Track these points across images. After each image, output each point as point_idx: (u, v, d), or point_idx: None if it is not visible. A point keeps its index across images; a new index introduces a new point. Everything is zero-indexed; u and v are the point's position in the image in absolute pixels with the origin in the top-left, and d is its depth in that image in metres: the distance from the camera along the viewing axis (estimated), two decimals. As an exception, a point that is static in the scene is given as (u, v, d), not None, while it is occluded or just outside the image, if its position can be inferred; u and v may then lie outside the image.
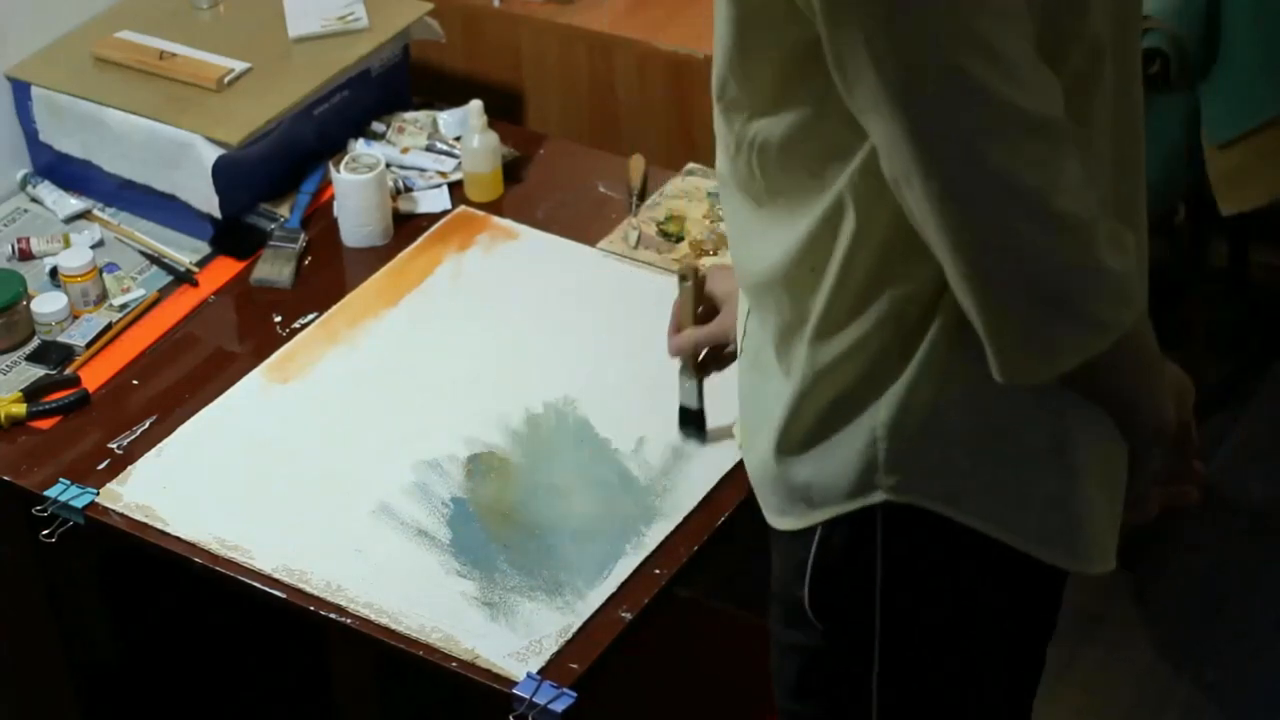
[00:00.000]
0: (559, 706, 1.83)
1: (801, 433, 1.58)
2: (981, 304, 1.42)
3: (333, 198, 2.51)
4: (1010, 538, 1.56)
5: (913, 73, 1.35)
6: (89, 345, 2.32)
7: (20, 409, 2.21)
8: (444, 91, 2.78)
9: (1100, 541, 1.60)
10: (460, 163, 2.57)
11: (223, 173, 2.41)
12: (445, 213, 2.53)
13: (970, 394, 1.51)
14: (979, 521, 1.55)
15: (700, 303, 1.96)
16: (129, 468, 2.13)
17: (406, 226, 2.50)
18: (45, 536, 2.09)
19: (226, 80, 2.50)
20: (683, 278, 1.96)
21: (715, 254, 2.39)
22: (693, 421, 2.10)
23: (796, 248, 1.52)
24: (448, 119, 2.64)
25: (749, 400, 1.68)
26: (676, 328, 1.99)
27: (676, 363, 2.01)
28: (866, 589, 1.60)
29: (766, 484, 1.65)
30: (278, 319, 2.36)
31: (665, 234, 2.44)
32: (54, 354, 2.31)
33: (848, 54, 1.37)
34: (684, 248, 2.41)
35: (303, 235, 2.47)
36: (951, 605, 1.62)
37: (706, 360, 2.02)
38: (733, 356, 1.95)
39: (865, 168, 1.45)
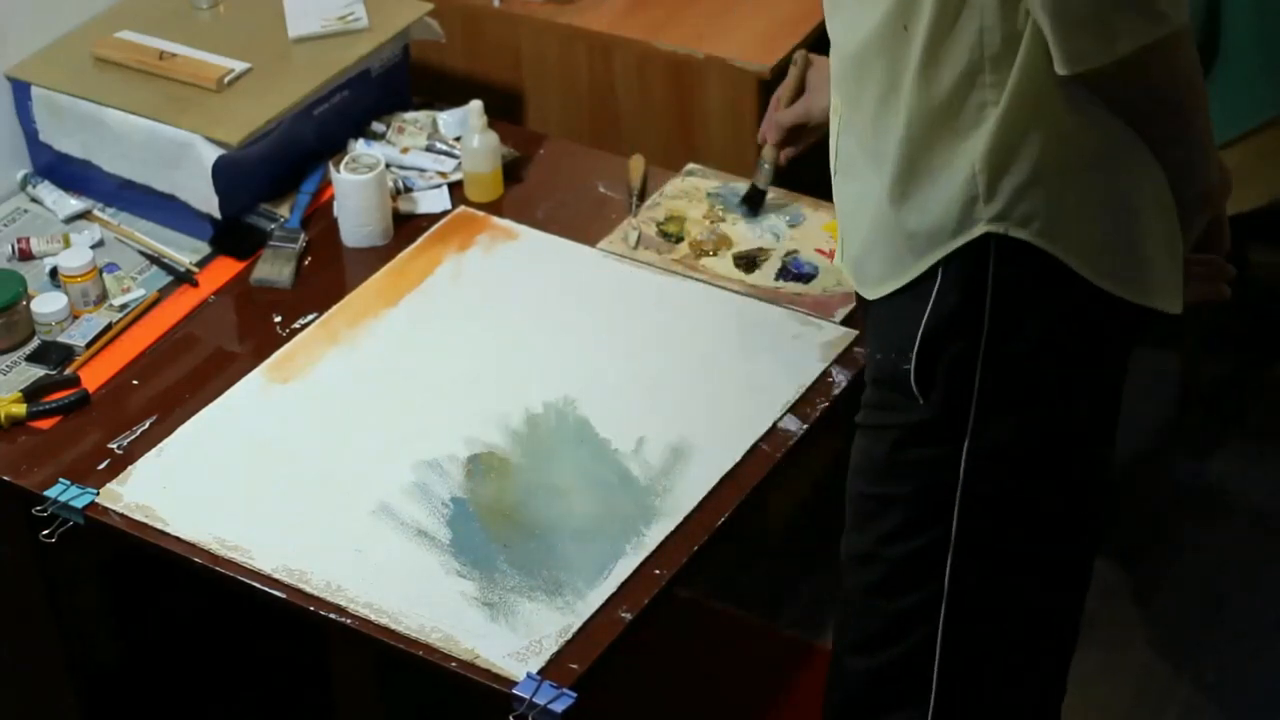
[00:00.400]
0: (559, 706, 1.83)
1: (908, 180, 1.72)
2: None
3: (333, 198, 2.51)
4: (1084, 267, 1.70)
5: None
6: (89, 345, 2.32)
7: (20, 409, 2.21)
8: (444, 91, 2.78)
9: (1162, 279, 1.74)
10: (460, 163, 2.57)
11: (223, 173, 2.41)
12: (445, 213, 2.53)
13: (1057, 128, 1.67)
14: (1063, 252, 1.69)
15: (799, 90, 2.27)
16: (129, 468, 2.14)
17: (406, 226, 2.50)
18: (45, 536, 2.09)
19: (226, 80, 2.50)
20: (793, 63, 2.25)
21: (715, 254, 2.39)
22: (755, 200, 2.41)
23: (889, 10, 1.68)
24: (448, 119, 2.64)
25: (847, 208, 1.85)
26: (774, 110, 2.29)
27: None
28: (971, 350, 1.74)
29: (871, 254, 1.79)
30: (278, 319, 2.36)
31: (665, 234, 2.44)
32: (54, 354, 2.31)
33: None
34: (684, 248, 2.42)
35: (303, 235, 2.47)
36: (1047, 368, 1.75)
37: (789, 138, 2.30)
38: (812, 134, 2.28)
39: None
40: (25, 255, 2.46)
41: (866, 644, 1.92)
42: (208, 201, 2.43)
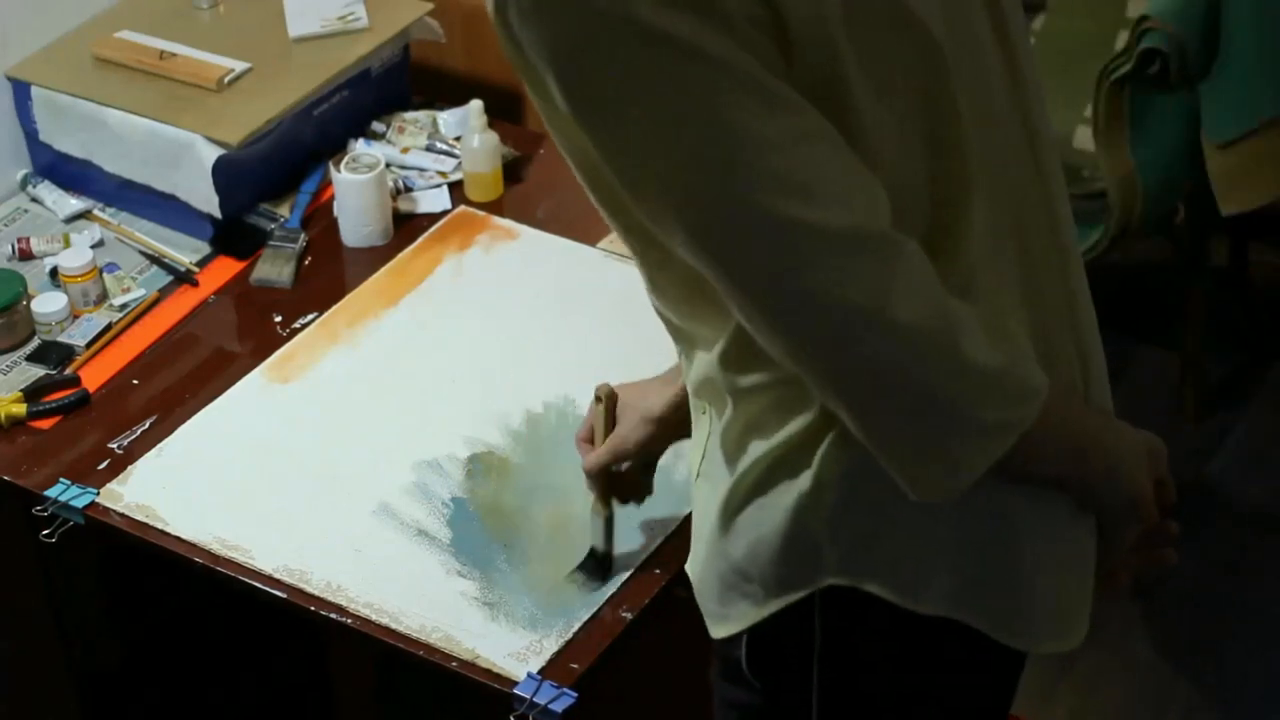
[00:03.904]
0: (559, 706, 1.83)
1: (739, 497, 1.52)
2: (864, 431, 1.37)
3: (333, 198, 2.51)
4: (967, 617, 1.49)
5: (708, 216, 1.32)
6: (89, 345, 2.32)
7: (20, 409, 2.21)
8: (444, 91, 2.77)
9: (1062, 617, 1.54)
10: (460, 163, 2.57)
11: (223, 173, 2.41)
12: (445, 213, 2.53)
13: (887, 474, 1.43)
14: (930, 606, 1.48)
15: (612, 424, 1.87)
16: (129, 468, 2.14)
17: (406, 226, 2.50)
18: (45, 536, 2.09)
19: (226, 80, 2.50)
20: (597, 399, 1.87)
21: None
22: (597, 566, 1.97)
23: (720, 353, 1.49)
24: (448, 119, 2.64)
25: (701, 514, 1.62)
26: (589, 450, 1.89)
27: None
28: (804, 655, 1.55)
29: (706, 583, 1.60)
30: (278, 319, 2.36)
31: (665, 234, 2.44)
32: (54, 354, 2.31)
33: (655, 211, 1.36)
34: (684, 248, 2.41)
35: (303, 235, 2.47)
36: (893, 675, 1.56)
37: (615, 483, 1.91)
38: (635, 479, 1.90)
39: None
40: (25, 255, 2.46)
41: None
42: (208, 201, 2.43)
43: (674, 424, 1.80)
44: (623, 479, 1.90)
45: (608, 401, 1.87)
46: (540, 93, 1.41)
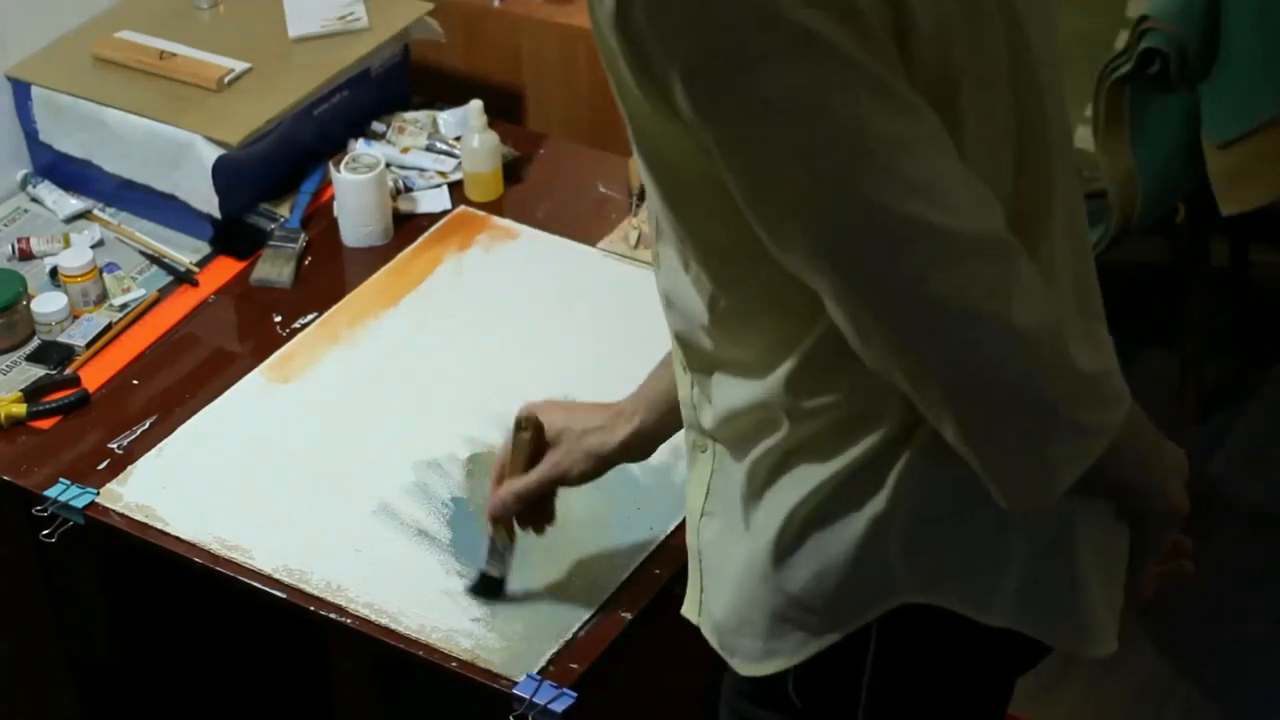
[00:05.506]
0: (559, 706, 1.83)
1: (796, 525, 1.50)
2: (967, 437, 1.36)
3: (333, 198, 2.51)
4: (1027, 627, 1.52)
5: (840, 218, 1.30)
6: (89, 345, 2.32)
7: (20, 409, 2.21)
8: (444, 91, 2.78)
9: (1103, 624, 1.57)
10: (460, 163, 2.57)
11: (223, 173, 2.41)
12: (445, 213, 2.53)
13: (968, 486, 1.43)
14: (996, 618, 1.51)
15: (538, 453, 1.83)
16: (129, 468, 2.13)
17: (406, 226, 2.50)
18: (45, 536, 2.09)
19: (226, 80, 2.50)
20: (520, 426, 1.82)
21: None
22: (493, 590, 1.94)
23: (786, 376, 1.46)
24: (448, 119, 2.64)
25: (721, 553, 1.60)
26: (499, 479, 1.85)
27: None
28: (855, 671, 1.55)
29: (749, 622, 1.57)
30: (278, 319, 2.36)
31: (665, 234, 2.44)
32: (54, 354, 2.31)
33: (780, 216, 1.32)
34: (684, 248, 2.41)
35: (303, 235, 2.47)
36: (938, 685, 1.58)
37: (529, 516, 1.88)
38: (546, 506, 1.86)
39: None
40: (25, 255, 2.46)
41: None
42: (208, 201, 2.43)
43: (616, 462, 1.81)
44: (532, 506, 1.86)
45: (534, 430, 1.81)
46: (646, 102, 1.37)
